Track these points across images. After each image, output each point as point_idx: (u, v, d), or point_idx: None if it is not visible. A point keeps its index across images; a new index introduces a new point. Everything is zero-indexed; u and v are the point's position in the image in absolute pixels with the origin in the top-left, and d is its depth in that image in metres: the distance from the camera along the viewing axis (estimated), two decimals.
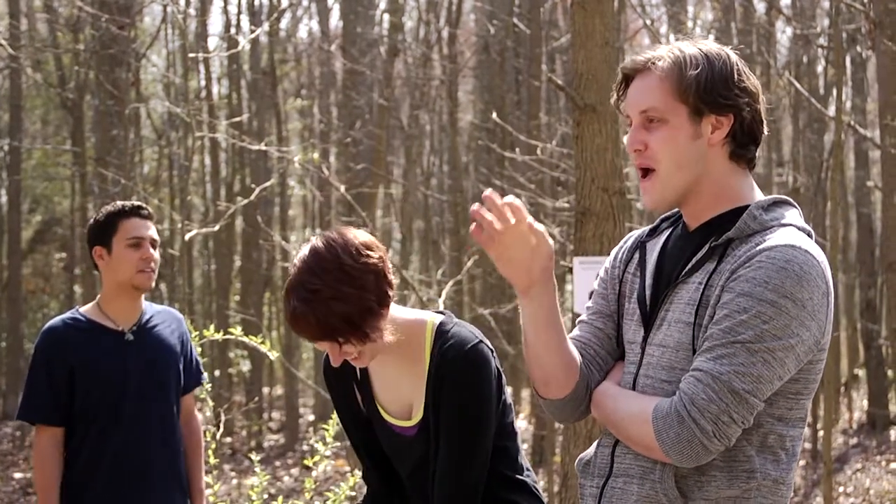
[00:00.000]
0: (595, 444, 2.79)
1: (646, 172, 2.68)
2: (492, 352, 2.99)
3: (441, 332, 2.98)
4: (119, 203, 4.65)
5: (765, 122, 2.71)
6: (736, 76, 2.65)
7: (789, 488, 2.66)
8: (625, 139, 2.75)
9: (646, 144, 2.66)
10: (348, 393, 3.13)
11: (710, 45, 2.69)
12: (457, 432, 2.94)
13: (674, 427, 2.51)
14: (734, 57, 2.69)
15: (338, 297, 2.79)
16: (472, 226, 2.60)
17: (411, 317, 3.01)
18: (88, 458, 4.47)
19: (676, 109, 2.63)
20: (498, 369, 3.01)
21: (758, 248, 2.55)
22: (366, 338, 2.85)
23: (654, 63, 2.67)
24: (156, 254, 4.57)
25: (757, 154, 2.73)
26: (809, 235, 2.64)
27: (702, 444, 2.50)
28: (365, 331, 2.84)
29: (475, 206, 2.59)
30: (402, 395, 3.05)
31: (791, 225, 2.63)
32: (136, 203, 4.65)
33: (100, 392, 4.46)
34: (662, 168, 2.65)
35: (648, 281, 2.74)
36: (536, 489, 3.13)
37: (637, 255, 2.81)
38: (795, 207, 2.71)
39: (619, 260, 2.86)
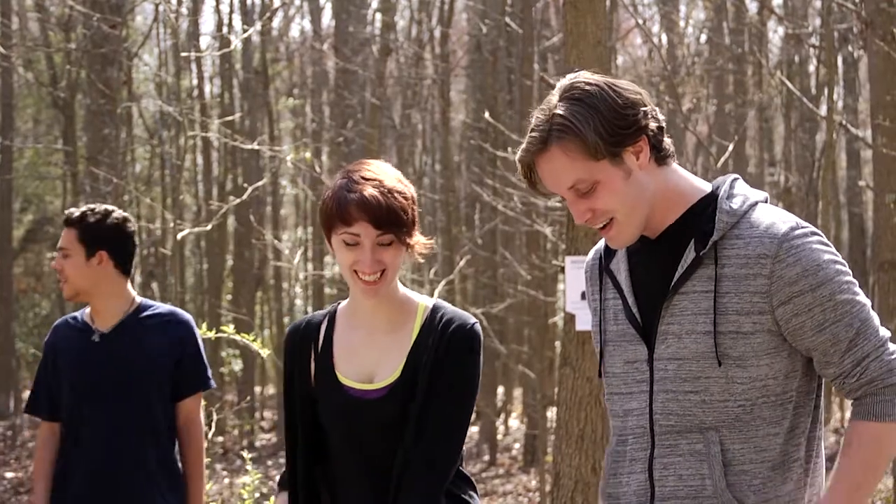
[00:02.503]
0: (612, 472, 2.76)
1: (604, 225, 2.68)
2: None
3: (437, 309, 3.11)
4: None
5: (657, 110, 2.69)
6: (619, 100, 2.60)
7: (822, 459, 2.72)
8: None
9: (592, 210, 2.65)
10: (305, 364, 3.18)
11: (576, 89, 2.63)
12: (454, 399, 3.04)
13: None
14: (601, 80, 2.64)
15: (401, 191, 3.04)
16: None
17: (407, 292, 3.15)
18: (65, 454, 4.54)
19: (598, 167, 2.60)
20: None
21: (768, 242, 2.57)
22: (409, 238, 3.04)
23: (546, 142, 2.61)
24: (66, 262, 4.52)
25: (668, 141, 2.71)
26: (766, 201, 2.70)
27: None
28: (412, 231, 3.05)
29: None
30: (365, 363, 3.10)
31: (758, 202, 2.66)
32: (70, 210, 4.65)
33: (66, 389, 4.53)
34: (620, 215, 2.64)
35: (631, 299, 2.72)
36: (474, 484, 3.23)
37: (608, 280, 2.80)
38: (739, 178, 2.74)
39: (593, 290, 2.87)
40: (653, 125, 2.64)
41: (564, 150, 2.60)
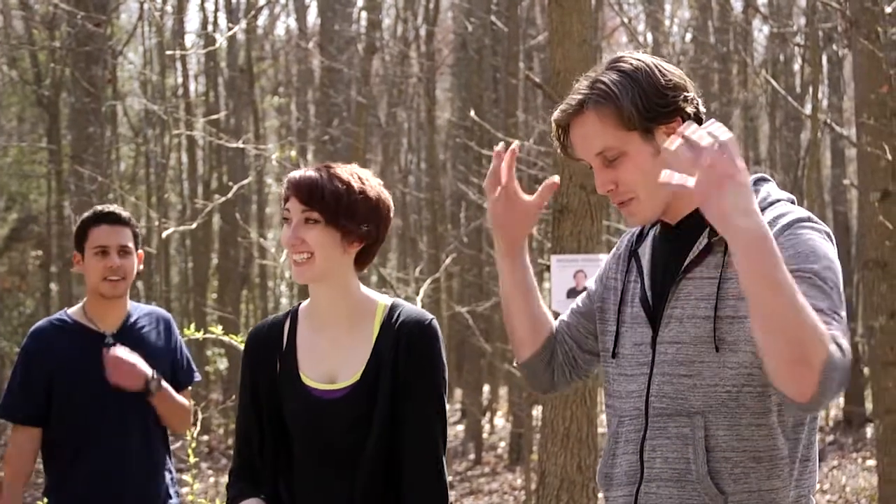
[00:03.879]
0: (610, 453, 2.80)
1: (625, 202, 2.71)
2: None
3: (395, 308, 3.16)
4: (95, 209, 4.64)
5: (699, 100, 2.72)
6: (662, 80, 2.65)
7: (815, 462, 2.70)
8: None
9: (616, 182, 2.68)
10: (272, 368, 3.19)
11: (623, 62, 2.68)
12: (427, 399, 3.09)
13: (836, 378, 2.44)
14: (649, 59, 2.69)
15: (347, 181, 3.08)
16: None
17: (369, 293, 3.19)
18: (70, 459, 4.48)
19: (629, 138, 2.64)
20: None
21: (774, 231, 2.53)
22: (342, 224, 3.05)
23: (583, 105, 2.67)
24: (128, 260, 4.55)
25: None
26: (793, 202, 2.69)
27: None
28: (346, 220, 3.06)
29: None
30: (327, 363, 3.13)
31: (780, 200, 2.67)
32: (109, 209, 4.61)
33: (79, 393, 4.47)
34: (641, 194, 2.67)
35: (647, 283, 2.76)
36: None
37: (633, 263, 2.84)
38: (770, 180, 2.75)
39: (618, 271, 2.89)
40: (690, 111, 2.66)
41: (599, 115, 2.64)
